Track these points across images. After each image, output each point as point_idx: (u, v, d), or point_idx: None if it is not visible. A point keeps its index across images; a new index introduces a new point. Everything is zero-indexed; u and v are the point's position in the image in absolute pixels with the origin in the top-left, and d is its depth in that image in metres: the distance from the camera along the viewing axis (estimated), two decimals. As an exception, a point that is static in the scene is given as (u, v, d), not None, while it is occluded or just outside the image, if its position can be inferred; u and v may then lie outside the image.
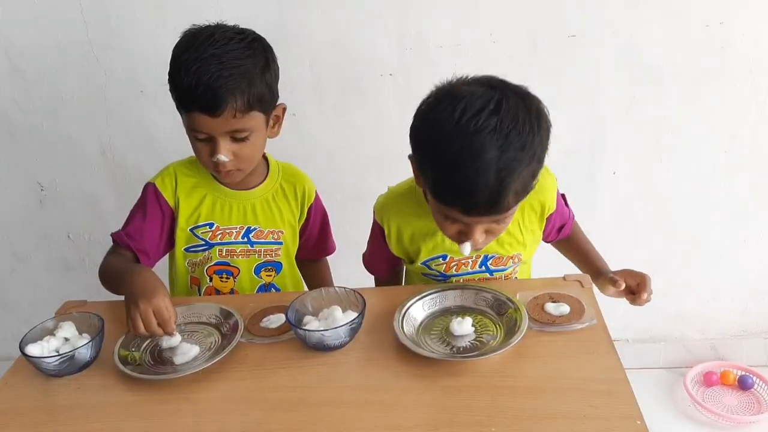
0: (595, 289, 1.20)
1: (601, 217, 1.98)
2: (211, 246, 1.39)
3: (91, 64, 1.84)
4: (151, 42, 1.80)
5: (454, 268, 1.30)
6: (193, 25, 1.26)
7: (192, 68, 1.17)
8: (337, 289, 1.17)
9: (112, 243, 1.39)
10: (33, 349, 1.09)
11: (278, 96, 1.31)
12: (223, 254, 1.39)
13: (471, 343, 1.07)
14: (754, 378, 2.08)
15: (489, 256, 1.29)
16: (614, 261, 2.01)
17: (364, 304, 1.11)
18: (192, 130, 1.24)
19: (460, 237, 1.11)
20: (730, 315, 2.14)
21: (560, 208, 1.34)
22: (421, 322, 1.14)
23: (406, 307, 1.14)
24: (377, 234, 1.35)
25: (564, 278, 1.23)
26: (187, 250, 1.40)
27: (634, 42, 1.74)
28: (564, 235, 1.41)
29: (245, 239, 1.39)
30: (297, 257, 1.50)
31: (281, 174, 1.43)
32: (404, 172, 1.23)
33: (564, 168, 1.88)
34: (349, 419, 0.96)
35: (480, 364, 1.03)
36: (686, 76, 1.78)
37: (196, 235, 1.38)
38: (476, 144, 0.97)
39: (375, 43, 1.77)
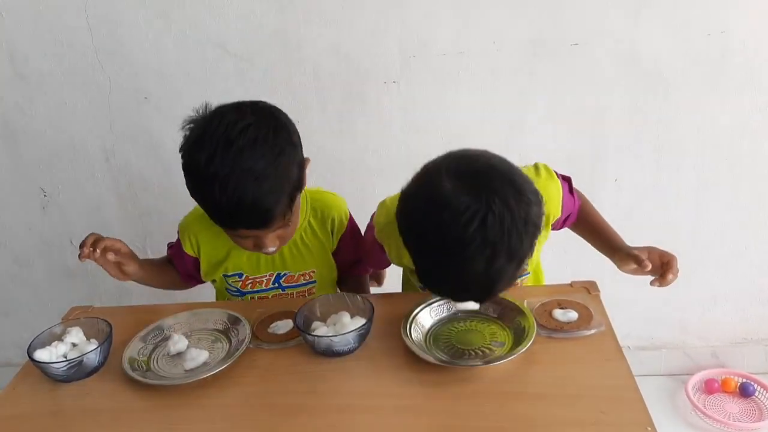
0: (603, 295, 1.20)
1: (603, 225, 1.99)
2: (243, 294, 1.38)
3: (95, 70, 1.84)
4: (155, 49, 1.80)
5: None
6: (192, 114, 1.14)
7: (228, 188, 1.05)
8: (345, 295, 1.18)
9: None
10: (41, 355, 1.08)
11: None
12: (256, 300, 1.38)
13: (480, 351, 1.07)
14: (756, 385, 2.09)
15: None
16: (615, 268, 2.03)
17: (373, 310, 1.11)
18: (234, 236, 1.20)
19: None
20: (732, 322, 2.14)
21: (565, 204, 1.28)
22: (429, 329, 1.14)
23: (413, 314, 1.14)
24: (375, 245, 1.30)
25: (571, 285, 1.23)
26: (226, 290, 1.41)
27: (636, 50, 1.75)
28: (570, 222, 1.37)
29: (276, 285, 1.37)
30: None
31: (309, 209, 1.35)
32: (407, 179, 1.23)
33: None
34: (358, 425, 0.96)
35: (489, 371, 1.03)
36: (687, 84, 1.79)
37: (228, 283, 1.38)
38: (463, 258, 0.91)
39: (378, 51, 1.78)
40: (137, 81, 1.85)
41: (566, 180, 1.31)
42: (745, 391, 2.08)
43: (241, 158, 1.05)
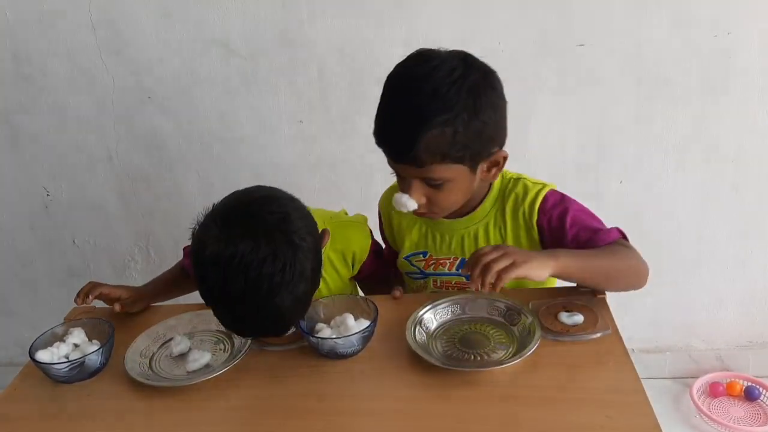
0: (608, 298, 1.19)
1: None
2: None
3: (98, 70, 1.84)
4: (158, 49, 1.80)
5: (432, 266, 1.31)
6: (198, 219, 1.05)
7: (244, 323, 1.05)
8: (348, 296, 1.17)
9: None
10: (43, 356, 1.08)
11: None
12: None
13: (484, 354, 1.06)
14: (761, 389, 2.07)
15: (465, 259, 1.28)
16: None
17: (377, 311, 1.10)
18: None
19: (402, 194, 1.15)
20: (737, 325, 2.13)
21: (561, 222, 1.20)
22: (434, 331, 1.13)
23: (418, 316, 1.13)
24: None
25: (577, 287, 1.22)
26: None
27: (642, 51, 1.74)
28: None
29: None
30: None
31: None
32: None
33: (571, 177, 1.90)
34: (361, 428, 0.96)
35: (494, 374, 1.02)
36: (693, 86, 1.78)
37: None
38: (401, 88, 1.06)
39: (382, 51, 1.77)
40: (140, 80, 1.85)
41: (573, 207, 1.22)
42: (750, 395, 2.07)
43: (261, 301, 0.99)
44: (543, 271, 1.02)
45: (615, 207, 1.94)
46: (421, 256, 1.33)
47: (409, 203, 1.14)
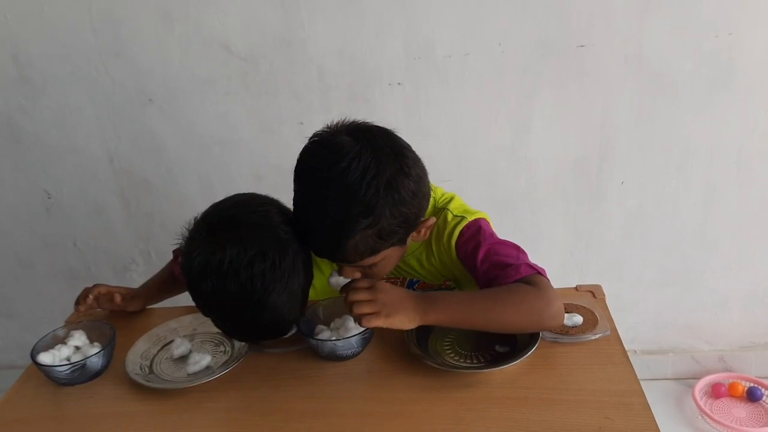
0: (610, 299, 1.19)
1: (609, 227, 1.98)
2: None
3: (99, 72, 1.84)
4: (159, 51, 1.80)
5: None
6: (188, 226, 1.07)
7: (236, 327, 1.07)
8: (348, 298, 1.17)
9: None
10: (44, 358, 1.08)
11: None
12: None
13: (484, 355, 1.06)
14: (763, 390, 2.07)
15: (414, 280, 1.29)
16: (622, 271, 2.03)
17: (377, 313, 1.10)
18: None
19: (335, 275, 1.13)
20: (739, 326, 2.13)
21: (485, 255, 1.13)
22: (433, 333, 1.13)
23: (417, 317, 1.13)
24: None
25: (576, 288, 1.22)
26: None
27: (643, 52, 1.74)
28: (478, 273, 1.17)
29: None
30: None
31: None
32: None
33: (572, 177, 1.90)
34: (362, 429, 0.95)
35: (493, 376, 1.02)
36: (695, 86, 1.77)
37: None
38: (318, 195, 1.02)
39: (383, 52, 1.77)
40: (141, 83, 1.85)
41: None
42: (752, 396, 2.06)
43: (257, 302, 0.99)
44: (407, 326, 1.02)
45: (616, 208, 1.96)
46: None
47: (344, 281, 1.11)
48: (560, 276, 1.36)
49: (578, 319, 1.10)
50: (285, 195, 1.11)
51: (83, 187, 2.02)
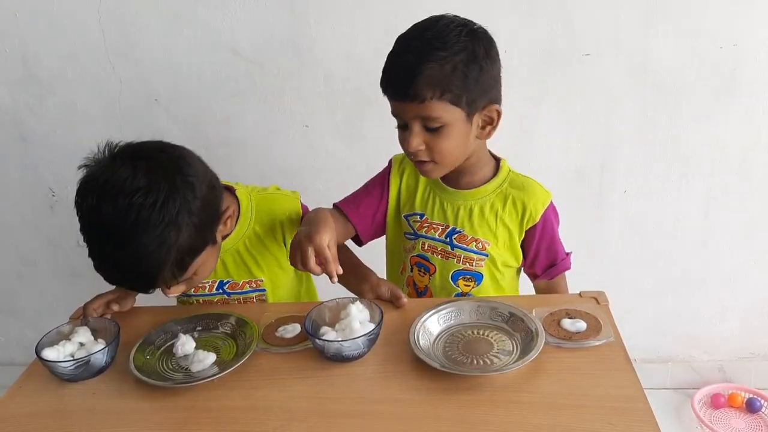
0: (612, 309, 1.19)
1: (611, 236, 1.99)
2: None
3: (106, 72, 1.85)
4: (166, 52, 1.81)
5: (425, 229, 1.35)
6: (93, 152, 1.08)
7: (110, 261, 1.09)
8: (352, 299, 1.17)
9: None
10: (49, 353, 1.08)
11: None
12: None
13: (487, 359, 1.07)
14: (762, 401, 2.07)
15: (456, 229, 1.32)
16: (622, 280, 2.03)
17: (382, 315, 1.11)
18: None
19: (403, 141, 1.20)
20: (739, 337, 2.13)
21: (549, 235, 1.34)
22: (437, 336, 1.13)
23: (421, 321, 1.14)
24: (376, 179, 1.41)
25: (580, 295, 1.22)
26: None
27: (648, 62, 1.75)
28: (550, 276, 1.38)
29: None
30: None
31: (253, 216, 1.33)
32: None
33: (575, 186, 1.91)
34: (365, 430, 0.96)
35: (496, 380, 1.02)
36: (699, 97, 1.79)
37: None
38: (407, 36, 1.17)
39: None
40: (148, 83, 1.86)
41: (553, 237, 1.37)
42: (751, 407, 2.07)
43: (126, 235, 1.01)
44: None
45: (618, 216, 1.96)
46: (418, 217, 1.36)
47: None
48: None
49: (582, 324, 1.10)
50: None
51: (88, 186, 2.02)
